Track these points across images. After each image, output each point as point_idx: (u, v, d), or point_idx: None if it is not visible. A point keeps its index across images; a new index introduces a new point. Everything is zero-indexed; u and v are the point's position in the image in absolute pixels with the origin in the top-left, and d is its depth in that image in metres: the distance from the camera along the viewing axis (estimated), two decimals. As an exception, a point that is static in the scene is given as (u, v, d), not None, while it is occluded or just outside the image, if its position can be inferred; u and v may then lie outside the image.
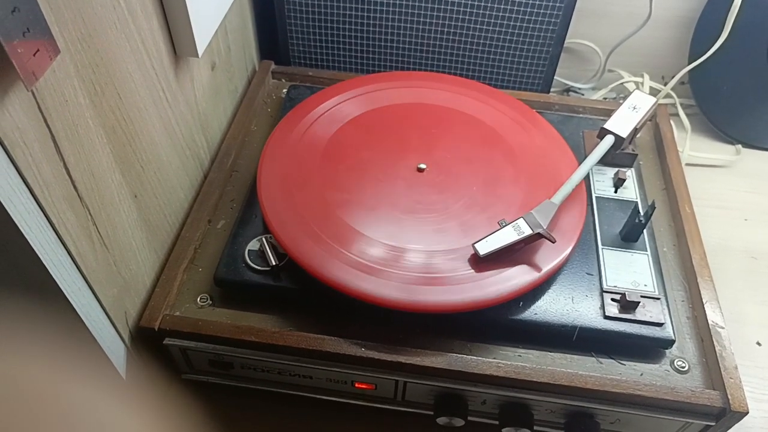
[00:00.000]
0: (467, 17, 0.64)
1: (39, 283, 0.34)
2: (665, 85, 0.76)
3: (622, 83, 0.76)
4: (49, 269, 0.34)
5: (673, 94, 0.75)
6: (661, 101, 0.70)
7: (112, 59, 0.38)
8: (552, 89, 0.72)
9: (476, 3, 0.63)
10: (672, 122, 0.62)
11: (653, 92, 0.76)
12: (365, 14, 0.66)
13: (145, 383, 0.47)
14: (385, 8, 0.65)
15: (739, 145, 0.73)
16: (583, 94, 0.79)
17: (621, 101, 0.78)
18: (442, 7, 0.64)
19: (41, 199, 0.32)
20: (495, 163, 0.53)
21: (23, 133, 0.31)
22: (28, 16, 0.29)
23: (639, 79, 0.76)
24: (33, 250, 0.32)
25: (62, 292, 0.35)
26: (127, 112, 0.41)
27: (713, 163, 0.72)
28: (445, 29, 0.66)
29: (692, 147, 0.72)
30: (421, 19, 0.65)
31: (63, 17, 0.33)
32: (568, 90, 0.80)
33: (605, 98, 0.77)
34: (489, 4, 0.63)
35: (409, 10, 0.65)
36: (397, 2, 0.64)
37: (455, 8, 0.64)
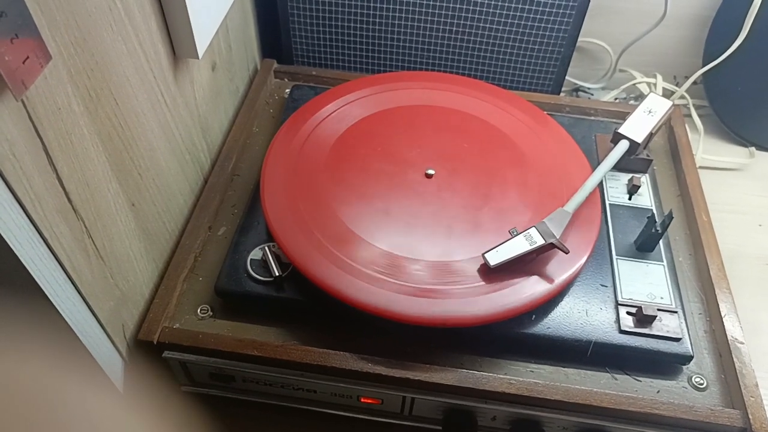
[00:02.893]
0: (477, 16, 0.62)
1: (31, 299, 0.33)
2: (677, 85, 0.75)
3: (634, 84, 0.74)
4: (41, 285, 0.32)
5: (686, 95, 0.73)
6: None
7: (108, 63, 0.37)
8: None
9: (486, 2, 0.61)
10: (686, 125, 0.60)
11: (666, 93, 0.74)
12: (371, 12, 0.64)
13: (143, 396, 0.46)
14: (391, 6, 0.63)
15: (753, 148, 0.72)
16: (592, 95, 0.77)
17: (632, 101, 0.77)
18: (451, 5, 0.62)
19: (32, 212, 0.31)
20: (506, 168, 0.51)
21: (13, 144, 0.29)
22: (16, 21, 0.27)
23: (651, 80, 0.74)
24: (24, 266, 0.31)
25: (55, 307, 0.34)
26: (124, 117, 0.39)
27: (726, 166, 0.70)
28: (454, 28, 0.64)
29: (705, 149, 0.70)
30: (429, 18, 0.63)
31: (55, 21, 0.31)
32: (577, 90, 0.78)
33: (616, 99, 0.75)
34: (499, 3, 0.61)
35: (417, 8, 0.63)
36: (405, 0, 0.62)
37: (464, 7, 0.62)
